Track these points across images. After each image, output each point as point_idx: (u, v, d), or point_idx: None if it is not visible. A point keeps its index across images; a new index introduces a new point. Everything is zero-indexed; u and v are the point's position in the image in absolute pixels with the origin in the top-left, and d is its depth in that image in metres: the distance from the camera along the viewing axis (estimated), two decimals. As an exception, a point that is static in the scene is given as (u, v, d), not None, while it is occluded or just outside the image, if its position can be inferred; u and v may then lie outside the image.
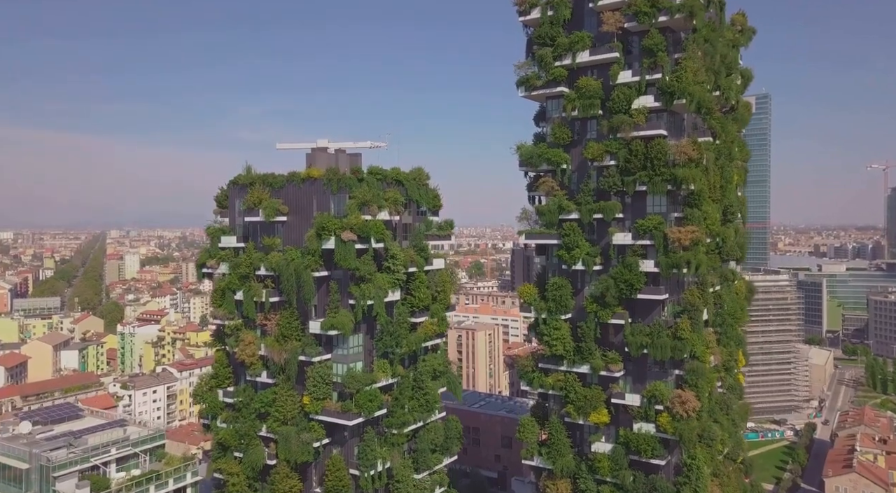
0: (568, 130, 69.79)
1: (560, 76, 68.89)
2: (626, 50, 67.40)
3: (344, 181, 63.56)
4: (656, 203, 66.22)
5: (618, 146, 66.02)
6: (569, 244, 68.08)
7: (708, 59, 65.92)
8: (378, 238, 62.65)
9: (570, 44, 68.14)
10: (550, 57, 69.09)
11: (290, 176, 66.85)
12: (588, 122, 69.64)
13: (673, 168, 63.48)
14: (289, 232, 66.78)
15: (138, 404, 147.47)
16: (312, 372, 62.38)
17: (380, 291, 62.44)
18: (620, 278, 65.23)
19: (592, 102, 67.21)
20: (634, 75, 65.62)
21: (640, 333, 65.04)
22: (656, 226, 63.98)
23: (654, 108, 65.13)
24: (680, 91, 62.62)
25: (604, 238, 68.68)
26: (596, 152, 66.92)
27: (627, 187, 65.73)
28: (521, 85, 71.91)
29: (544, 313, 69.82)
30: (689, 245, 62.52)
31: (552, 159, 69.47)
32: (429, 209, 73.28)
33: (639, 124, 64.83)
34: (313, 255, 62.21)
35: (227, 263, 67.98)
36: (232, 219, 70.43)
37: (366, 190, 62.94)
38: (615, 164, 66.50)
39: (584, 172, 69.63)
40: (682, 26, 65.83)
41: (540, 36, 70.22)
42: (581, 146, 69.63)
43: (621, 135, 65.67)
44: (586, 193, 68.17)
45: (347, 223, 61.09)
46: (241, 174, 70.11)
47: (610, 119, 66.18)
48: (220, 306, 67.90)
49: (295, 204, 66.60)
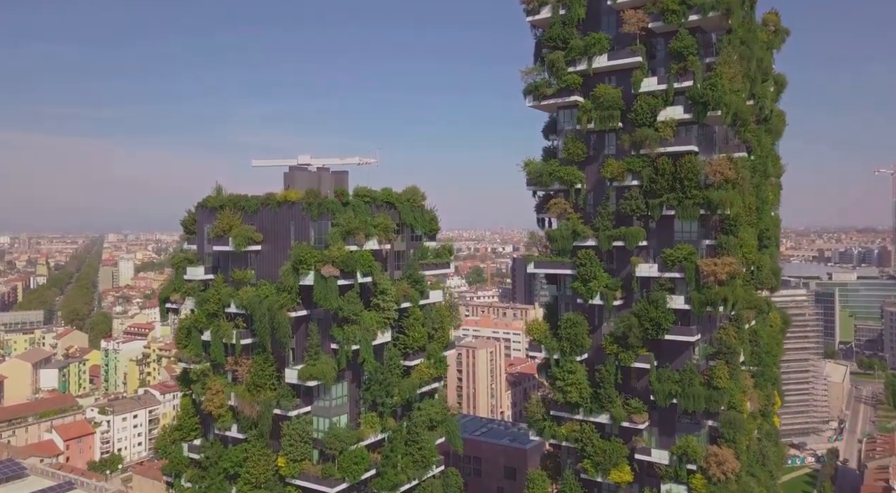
0: (583, 145, 61.20)
1: (574, 84, 60.32)
2: (650, 54, 58.86)
3: (326, 205, 54.91)
4: (686, 229, 57.59)
5: (641, 164, 57.45)
6: (585, 275, 59.46)
7: (744, 64, 57.33)
8: (365, 272, 53.98)
9: (586, 47, 59.58)
10: (562, 62, 60.53)
11: (265, 199, 58.18)
12: (606, 135, 61.04)
13: (706, 190, 54.90)
14: (263, 263, 58.06)
15: (118, 430, 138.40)
16: (289, 428, 53.56)
17: (367, 333, 53.76)
18: (645, 315, 56.59)
19: (611, 113, 58.66)
20: (660, 83, 57.02)
21: (669, 379, 56.37)
22: (687, 257, 55.34)
23: (683, 120, 56.55)
24: (715, 101, 54.03)
25: (625, 268, 60.05)
26: (616, 171, 58.34)
27: (653, 212, 57.12)
28: (528, 94, 63.33)
29: (556, 353, 61.17)
30: (726, 279, 53.92)
31: (565, 178, 60.86)
32: (424, 234, 64.63)
33: (666, 139, 56.23)
34: (289, 292, 53.52)
35: (194, 298, 59.26)
36: (200, 247, 61.71)
37: (351, 216, 54.27)
38: (638, 184, 57.91)
39: (601, 193, 61.01)
40: (715, 26, 57.29)
41: (550, 38, 61.65)
42: (598, 163, 61.03)
43: (645, 151, 57.10)
44: (604, 217, 59.56)
45: (329, 256, 52.41)
46: (210, 196, 61.42)
47: (632, 133, 57.60)
48: (184, 348, 59.13)
49: (270, 231, 57.91)
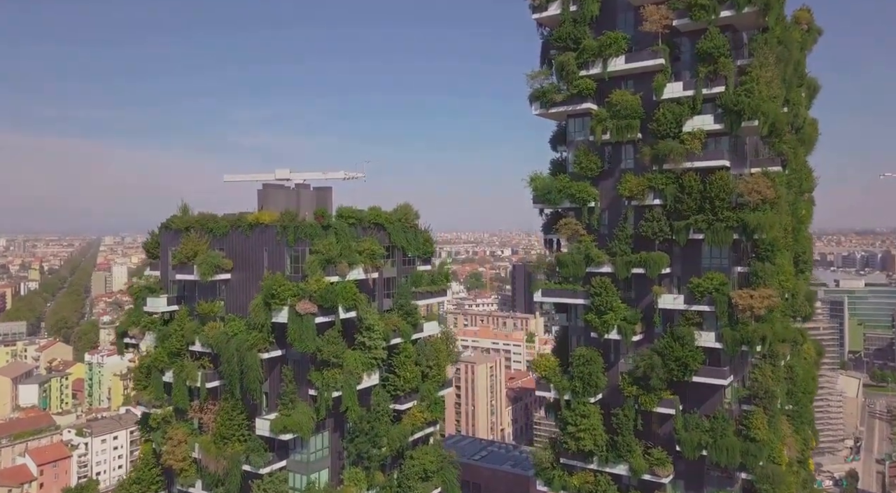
0: (596, 158, 54.13)
1: (586, 89, 53.28)
2: (673, 55, 51.88)
3: (303, 229, 47.76)
4: (715, 255, 50.54)
5: (664, 181, 50.41)
6: (599, 306, 52.33)
7: (781, 67, 50.36)
8: (348, 306, 46.88)
9: (600, 47, 52.56)
10: (573, 64, 53.51)
11: (235, 220, 51.01)
12: (623, 148, 53.98)
13: (741, 211, 47.84)
14: (234, 294, 50.90)
15: (96, 452, 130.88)
16: (259, 490, 46.33)
17: (351, 377, 46.61)
18: (669, 354, 49.47)
19: (629, 122, 51.62)
20: (686, 89, 49.99)
21: (697, 427, 49.24)
22: (718, 287, 48.24)
23: (713, 131, 49.54)
24: (751, 109, 47.00)
25: (645, 297, 52.97)
26: (635, 188, 51.29)
27: (678, 236, 50.03)
28: (535, 100, 56.23)
29: (567, 393, 54.01)
30: (764, 314, 46.87)
31: (576, 196, 53.74)
32: (418, 257, 57.57)
33: (693, 153, 49.19)
34: (261, 330, 46.34)
35: (154, 333, 52.07)
36: (164, 273, 54.53)
37: (332, 242, 47.12)
38: (661, 204, 50.86)
39: (617, 213, 53.93)
40: (749, 24, 50.32)
41: (560, 38, 54.62)
42: (614, 179, 53.97)
43: (669, 166, 50.06)
44: (622, 240, 52.46)
45: (305, 289, 45.23)
46: (175, 216, 54.28)
47: (653, 145, 50.57)
48: (144, 389, 52.01)
49: (241, 257, 50.73)
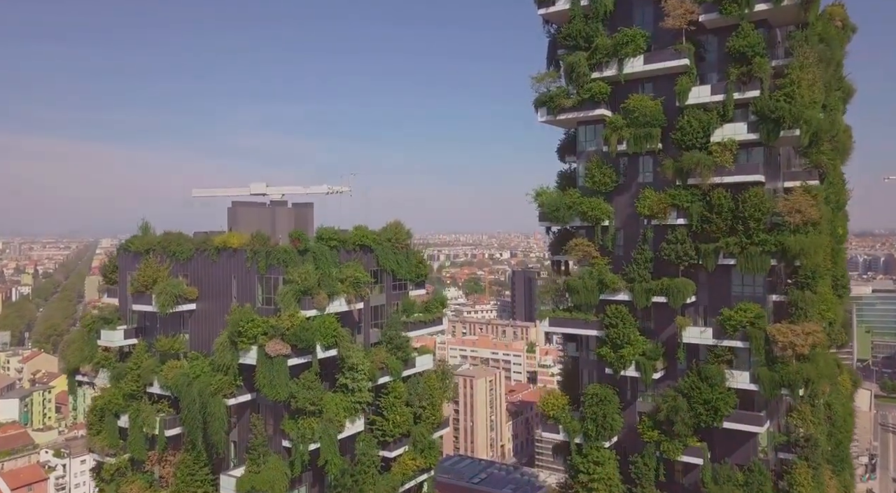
0: (611, 172, 47.99)
1: (599, 93, 47.16)
2: (698, 55, 45.80)
3: (277, 255, 41.53)
4: (748, 282, 44.40)
5: (689, 198, 44.29)
6: (615, 339, 46.15)
7: (822, 68, 44.26)
8: (328, 344, 40.64)
9: (615, 46, 46.48)
10: (585, 65, 47.42)
11: (200, 243, 44.78)
12: (641, 159, 47.85)
13: (780, 234, 41.69)
14: (199, 327, 44.66)
15: (75, 474, 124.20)
16: (224, 558, 40.12)
17: (331, 425, 40.35)
18: (697, 396, 43.30)
19: (649, 131, 45.52)
20: (715, 93, 43.87)
21: (729, 481, 43.01)
22: (753, 321, 42.11)
23: (745, 141, 43.43)
24: (792, 117, 40.88)
25: (666, 328, 46.85)
26: (655, 206, 45.15)
27: (706, 261, 43.88)
28: (541, 105, 50.10)
29: (579, 436, 47.81)
30: (807, 353, 40.72)
31: (588, 214, 47.60)
32: (410, 280, 51.39)
33: (723, 166, 43.07)
34: (226, 372, 40.09)
35: (109, 371, 45.80)
36: (122, 301, 48.29)
37: (309, 269, 40.83)
38: (685, 223, 44.74)
39: (635, 233, 47.77)
40: (786, 19, 44.31)
41: (569, 36, 48.55)
42: (631, 194, 47.85)
43: (695, 181, 43.95)
44: (641, 264, 46.28)
45: (277, 326, 38.99)
46: (135, 236, 48.07)
47: (677, 157, 44.47)
48: (96, 434, 45.69)
49: (208, 285, 44.52)
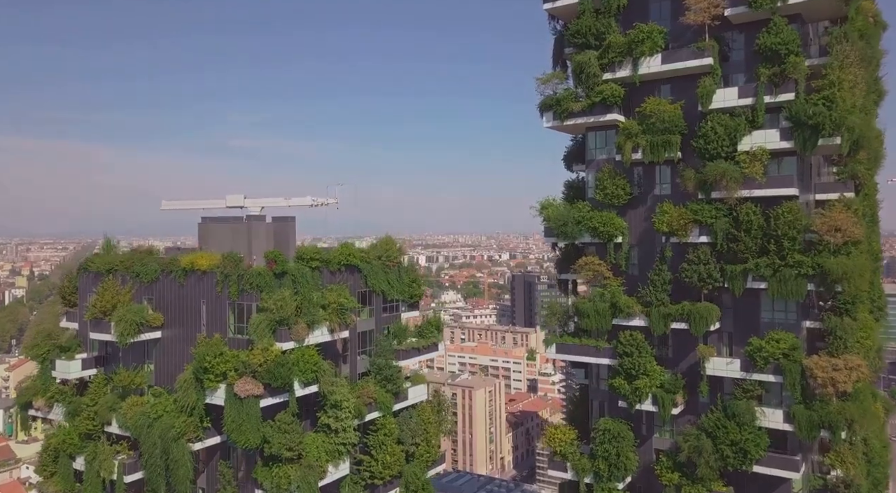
0: (624, 183, 43.25)
1: (612, 96, 42.48)
2: (722, 54, 41.12)
3: (250, 278, 36.75)
4: (779, 308, 39.68)
5: (714, 213, 39.57)
6: (630, 369, 41.39)
7: (864, 68, 39.56)
8: (308, 380, 35.88)
9: (630, 44, 41.81)
10: (595, 65, 42.77)
11: (166, 264, 39.99)
12: (658, 170, 43.15)
13: (818, 255, 36.96)
14: (165, 357, 39.88)
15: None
16: None
17: (310, 472, 35.54)
18: (723, 436, 38.55)
19: (667, 138, 40.85)
20: (743, 96, 39.18)
21: (759, 532, 38.34)
22: (787, 353, 37.39)
23: (779, 150, 38.72)
24: (833, 123, 36.19)
25: (686, 357, 42.17)
26: (675, 222, 40.40)
27: (732, 284, 39.16)
28: (547, 110, 45.44)
29: (589, 476, 43.06)
30: (850, 390, 36.02)
31: (600, 229, 42.88)
32: (403, 301, 46.66)
33: (752, 178, 38.36)
34: (191, 413, 35.29)
35: (64, 406, 40.98)
36: (83, 326, 43.44)
37: (286, 296, 36.02)
38: (709, 242, 40.02)
39: (651, 251, 43.06)
40: (822, 14, 39.66)
41: (578, 32, 43.89)
42: (647, 208, 43.16)
43: (720, 194, 39.27)
44: (658, 286, 41.51)
45: (249, 362, 34.20)
46: (97, 255, 43.30)
47: (699, 168, 39.77)
48: (50, 477, 40.86)
49: (175, 311, 39.74)
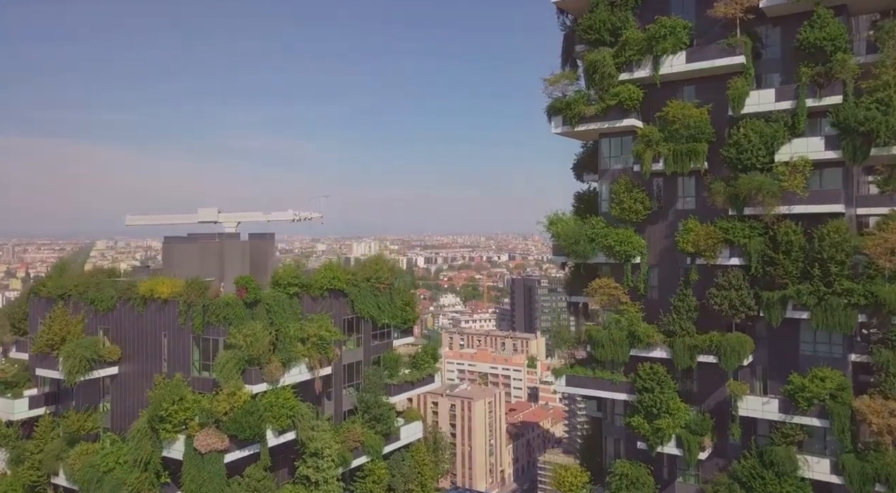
0: (643, 196, 38.46)
1: (629, 99, 37.76)
2: (754, 52, 36.39)
3: (217, 309, 31.91)
4: (822, 339, 34.90)
5: (747, 232, 34.82)
6: (650, 406, 36.61)
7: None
8: (282, 427, 31.03)
9: (650, 41, 37.09)
10: (611, 64, 38.05)
11: (124, 291, 35.10)
12: (682, 181, 38.38)
13: (871, 281, 32.21)
14: (123, 397, 35.01)
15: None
16: None
17: (287, 534, 30.71)
18: (759, 488, 33.80)
19: (693, 147, 36.09)
20: (781, 99, 34.44)
21: None
22: (834, 393, 32.59)
23: (823, 160, 33.98)
24: (889, 130, 31.44)
25: (713, 393, 37.39)
26: (702, 242, 35.63)
27: (769, 313, 34.39)
28: (555, 114, 40.67)
29: (603, 526, 38.32)
30: (907, 438, 31.26)
31: (615, 249, 38.11)
32: (395, 327, 41.87)
33: (792, 193, 33.61)
34: (146, 467, 30.41)
35: (7, 452, 36.08)
36: (32, 359, 38.50)
37: (257, 329, 31.18)
38: (741, 264, 35.27)
39: (674, 273, 38.29)
40: (871, 5, 34.89)
41: (591, 27, 39.17)
42: (668, 225, 38.41)
43: (755, 210, 34.54)
44: (682, 314, 36.73)
45: (213, 410, 29.33)
46: (49, 278, 38.44)
47: (730, 181, 35.03)
48: (-6, 533, 36.00)
49: (134, 343, 34.88)
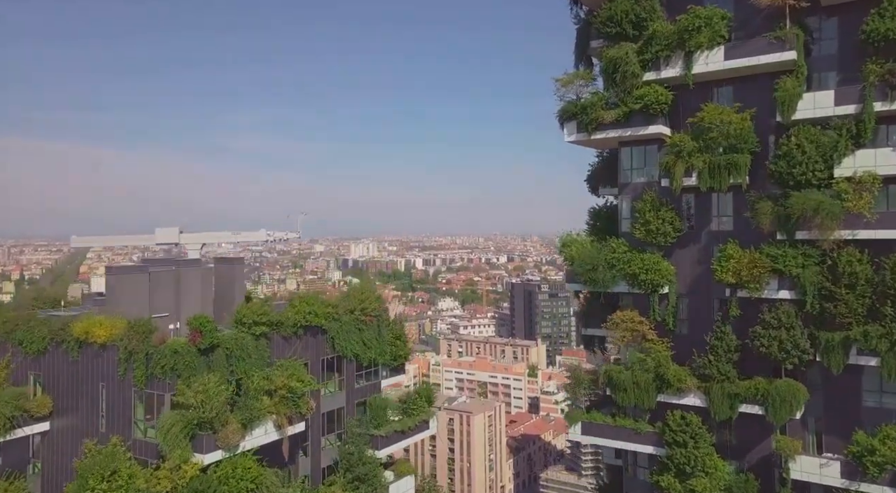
0: (672, 215, 32.86)
1: (657, 102, 32.25)
2: (805, 48, 30.82)
3: (162, 359, 26.24)
4: (889, 390, 29.29)
5: (800, 260, 29.27)
6: (682, 463, 31.05)
7: None
8: (243, 503, 25.38)
9: (681, 34, 31.56)
10: (635, 62, 32.53)
11: (57, 330, 29.44)
12: (718, 199, 32.81)
13: (955, 325, 26.65)
14: (56, 457, 29.38)
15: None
16: None
17: None
18: (816, 569, 28.23)
19: (734, 158, 30.55)
20: (843, 103, 28.87)
21: None
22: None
23: (893, 176, 28.41)
24: (981, 143, 25.92)
25: (755, 447, 31.86)
26: (745, 271, 30.04)
27: (827, 357, 28.82)
28: (570, 119, 35.14)
29: None
30: None
31: (641, 278, 32.51)
32: (384, 365, 36.32)
33: (857, 215, 28.04)
34: (74, 556, 24.81)
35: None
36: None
37: (211, 384, 25.53)
38: (793, 298, 29.70)
39: (706, 305, 32.70)
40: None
41: (611, 19, 33.63)
42: (700, 248, 32.84)
43: (809, 235, 28.99)
44: (720, 355, 31.10)
45: (149, 489, 23.66)
46: None
47: (780, 200, 29.48)
48: None
49: (68, 394, 29.27)
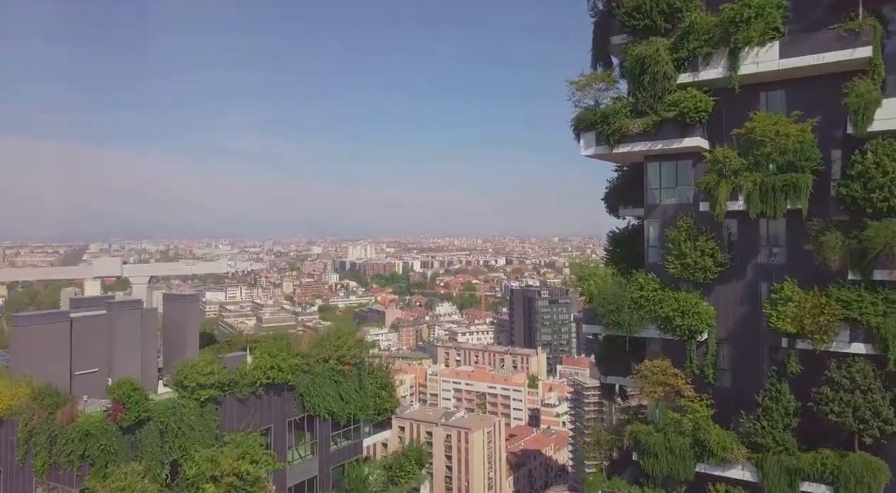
0: (713, 246, 27.16)
1: (694, 109, 26.62)
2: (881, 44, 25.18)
3: (69, 445, 20.40)
4: None
5: (881, 307, 23.64)
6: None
7: None
8: None
9: (725, 27, 25.97)
10: (668, 61, 26.91)
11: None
12: (768, 226, 27.13)
13: None
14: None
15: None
16: None
17: None
18: None
19: (793, 179, 24.89)
20: (934, 111, 23.29)
21: None
22: None
23: None
24: None
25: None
26: (808, 317, 24.41)
27: (915, 429, 23.19)
28: (588, 129, 29.55)
29: None
30: None
31: (676, 322, 26.83)
32: (368, 420, 30.64)
33: (952, 252, 22.41)
34: None
35: None
36: None
37: (133, 474, 19.71)
38: (870, 354, 24.02)
39: (755, 355, 27.04)
40: None
41: (637, 10, 28.04)
42: (745, 284, 27.21)
43: (889, 275, 23.34)
44: (776, 420, 25.43)
45: None
46: None
47: (852, 231, 23.85)
48: None
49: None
